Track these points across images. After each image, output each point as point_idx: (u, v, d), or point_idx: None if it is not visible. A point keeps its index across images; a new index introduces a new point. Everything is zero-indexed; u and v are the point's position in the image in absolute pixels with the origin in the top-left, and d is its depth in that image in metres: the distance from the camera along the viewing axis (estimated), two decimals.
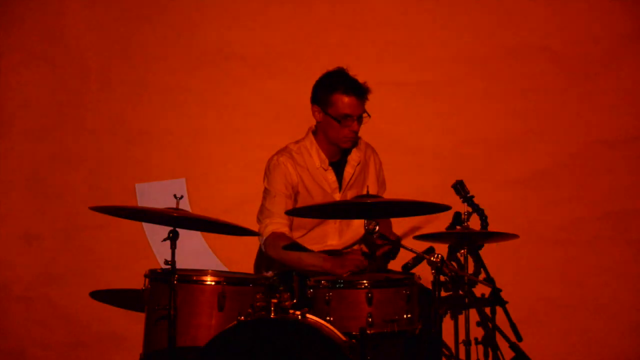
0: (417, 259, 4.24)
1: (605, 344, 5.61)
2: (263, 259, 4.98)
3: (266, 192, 4.81)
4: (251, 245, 5.31)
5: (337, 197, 4.83)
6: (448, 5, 5.71)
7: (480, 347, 5.36)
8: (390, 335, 4.23)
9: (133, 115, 5.84)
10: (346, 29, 5.74)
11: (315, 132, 4.89)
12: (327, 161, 4.84)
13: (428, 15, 5.72)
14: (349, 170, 4.88)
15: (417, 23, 5.73)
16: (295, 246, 4.64)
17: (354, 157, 4.90)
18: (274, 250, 4.65)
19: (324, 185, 4.83)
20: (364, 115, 4.78)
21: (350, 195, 4.85)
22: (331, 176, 4.84)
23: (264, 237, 4.71)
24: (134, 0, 5.85)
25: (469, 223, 5.05)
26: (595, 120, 5.67)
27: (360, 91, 4.76)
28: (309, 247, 4.73)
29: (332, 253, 4.66)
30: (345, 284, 4.27)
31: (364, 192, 4.43)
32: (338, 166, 4.89)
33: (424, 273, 4.36)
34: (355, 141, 4.84)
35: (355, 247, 4.88)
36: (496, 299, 5.09)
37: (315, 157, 4.84)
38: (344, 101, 4.73)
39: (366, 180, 4.93)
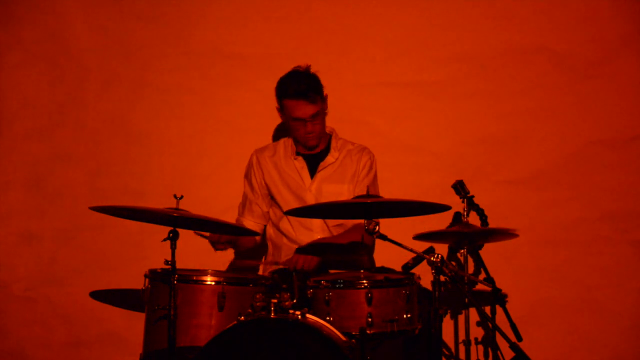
0: (417, 259, 4.24)
1: (605, 344, 5.60)
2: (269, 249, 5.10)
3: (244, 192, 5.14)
4: None
5: (308, 182, 4.93)
6: (448, 5, 5.70)
7: (480, 347, 5.38)
8: (390, 335, 4.23)
9: (133, 115, 5.84)
10: (346, 29, 5.74)
11: None
12: (295, 150, 4.98)
13: (428, 16, 5.71)
14: (323, 164, 4.97)
15: (417, 23, 5.72)
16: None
17: (333, 153, 4.96)
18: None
19: (292, 172, 4.96)
20: (325, 111, 4.89)
21: (325, 189, 4.91)
22: (300, 163, 4.96)
23: None
24: (133, 1, 5.85)
25: (469, 221, 5.05)
26: (595, 120, 5.67)
27: (305, 94, 4.82)
28: (300, 235, 4.91)
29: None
30: (345, 284, 4.27)
31: (364, 192, 4.43)
32: (314, 158, 4.97)
33: (424, 273, 4.37)
34: (318, 138, 4.92)
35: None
36: (496, 299, 5.09)
37: (289, 148, 5.00)
38: (292, 106, 4.85)
39: (345, 177, 4.95)
